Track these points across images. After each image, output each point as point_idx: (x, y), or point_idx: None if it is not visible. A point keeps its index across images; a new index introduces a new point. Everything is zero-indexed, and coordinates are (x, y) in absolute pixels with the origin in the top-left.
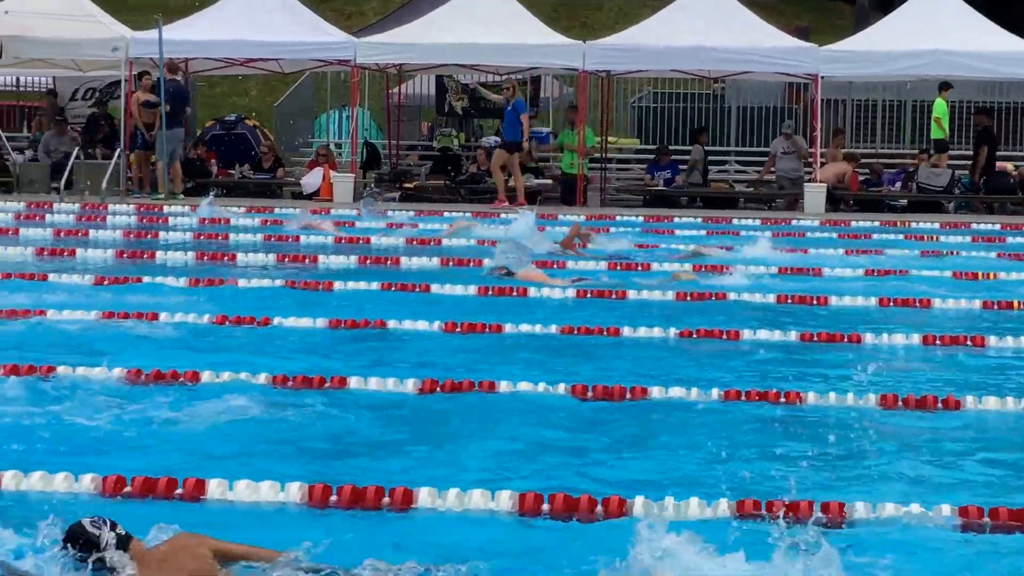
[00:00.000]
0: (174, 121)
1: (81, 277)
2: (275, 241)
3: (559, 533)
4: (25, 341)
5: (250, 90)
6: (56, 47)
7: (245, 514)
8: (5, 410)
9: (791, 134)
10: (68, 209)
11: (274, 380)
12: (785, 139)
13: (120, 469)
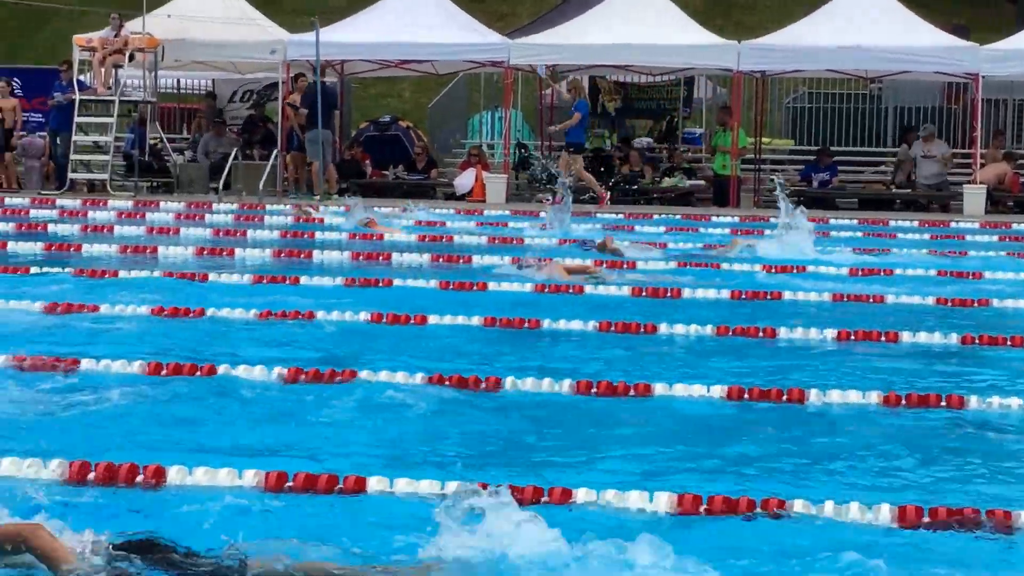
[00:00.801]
0: (314, 122)
1: (240, 276)
2: (429, 241)
3: (716, 535)
4: (186, 340)
5: (404, 91)
6: (215, 49)
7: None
8: (172, 408)
9: (931, 137)
10: (226, 209)
11: (430, 379)
12: (924, 143)
13: (282, 468)
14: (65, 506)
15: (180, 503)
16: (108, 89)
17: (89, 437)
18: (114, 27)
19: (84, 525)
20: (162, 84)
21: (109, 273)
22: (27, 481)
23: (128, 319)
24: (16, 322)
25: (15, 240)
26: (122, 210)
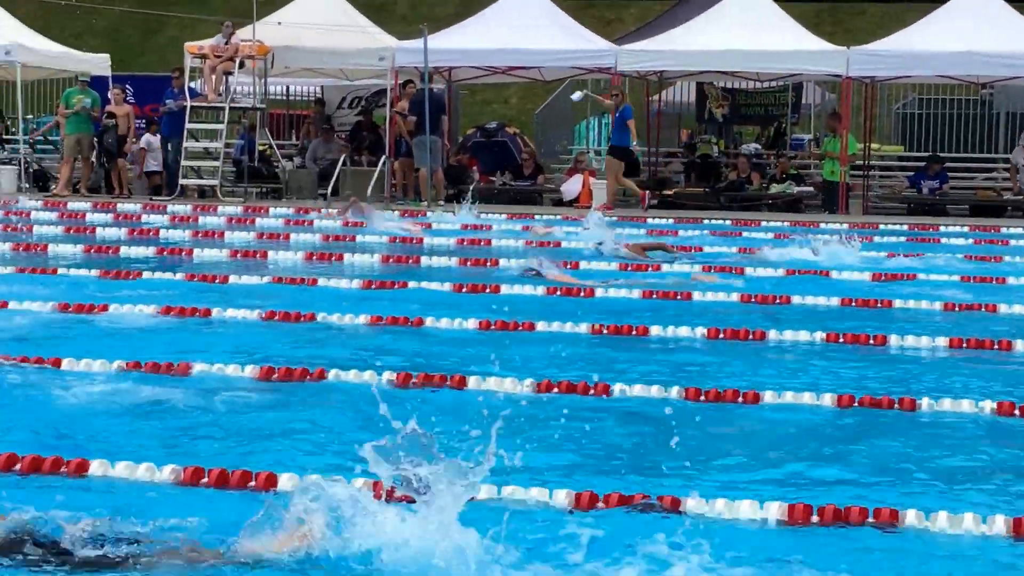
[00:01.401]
0: (423, 128)
1: (349, 282)
2: (536, 246)
3: (827, 545)
4: (296, 344)
5: (510, 98)
6: (325, 57)
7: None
8: (282, 413)
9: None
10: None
11: (538, 387)
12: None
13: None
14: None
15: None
16: (219, 96)
17: (200, 442)
18: (225, 35)
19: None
20: (272, 91)
21: (220, 278)
22: (144, 484)
23: (239, 323)
24: (130, 326)
25: (128, 245)
26: (232, 216)
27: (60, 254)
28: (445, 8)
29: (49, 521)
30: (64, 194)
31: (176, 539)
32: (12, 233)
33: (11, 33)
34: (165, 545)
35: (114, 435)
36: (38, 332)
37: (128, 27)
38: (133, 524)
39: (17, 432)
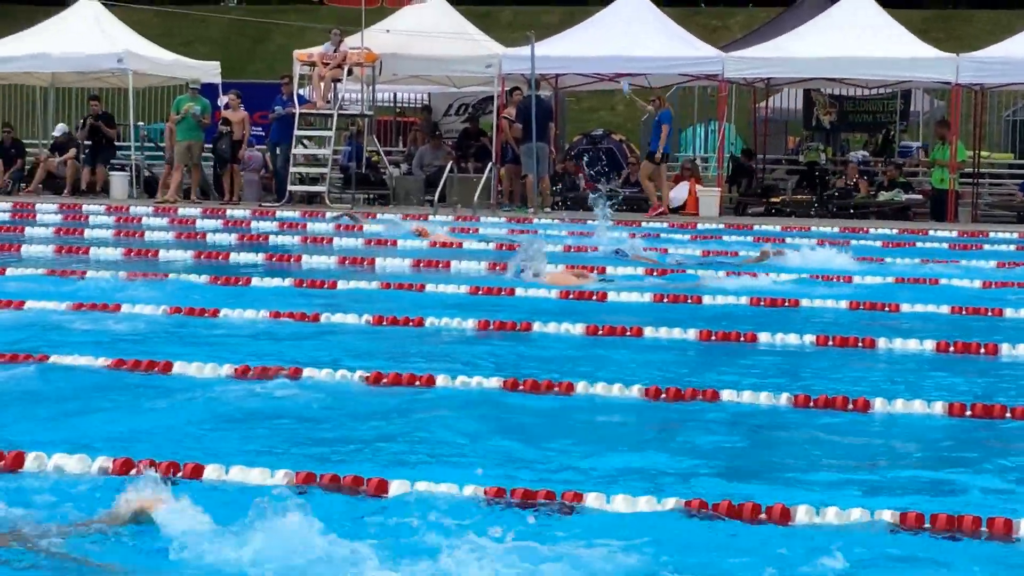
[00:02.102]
0: (530, 135)
1: (456, 288)
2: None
3: (938, 553)
4: (406, 350)
5: (616, 105)
6: (432, 64)
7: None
8: (391, 419)
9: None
10: (442, 221)
11: (646, 392)
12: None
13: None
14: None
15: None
16: (327, 103)
17: (311, 447)
18: (334, 42)
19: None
20: (379, 98)
21: (328, 283)
22: (259, 489)
23: (347, 329)
24: (240, 331)
25: (237, 251)
26: (340, 222)
27: (171, 259)
28: (550, 16)
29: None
30: (174, 200)
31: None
32: (124, 238)
33: (123, 41)
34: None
35: (226, 439)
36: (150, 336)
37: (238, 35)
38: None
39: (133, 436)
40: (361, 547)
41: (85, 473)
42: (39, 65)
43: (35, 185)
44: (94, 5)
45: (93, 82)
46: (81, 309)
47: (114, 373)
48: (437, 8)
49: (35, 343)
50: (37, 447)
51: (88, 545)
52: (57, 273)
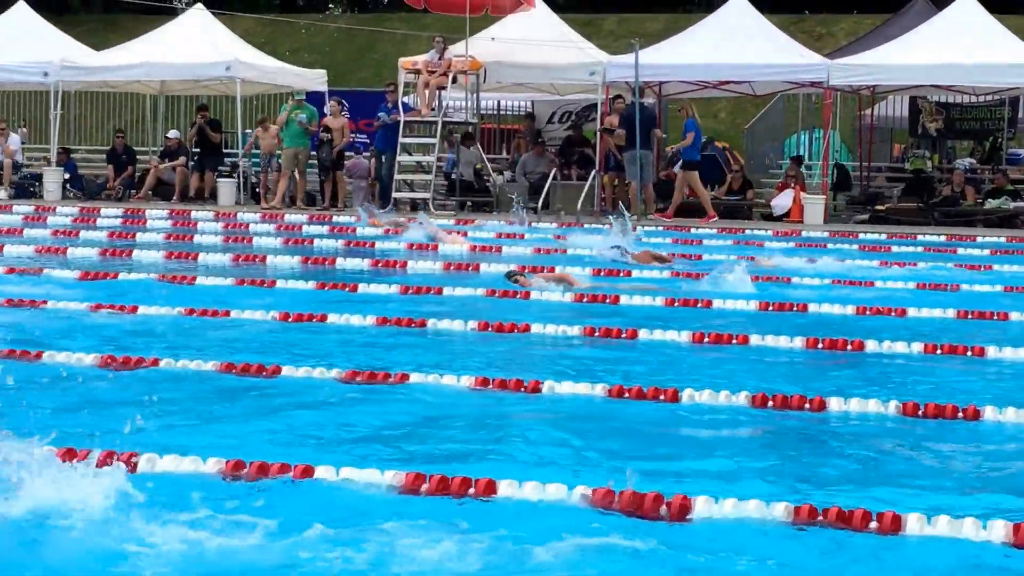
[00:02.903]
0: (634, 143)
1: (561, 295)
2: (749, 261)
3: None
4: (511, 357)
5: (720, 112)
6: (536, 72)
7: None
8: (501, 424)
9: None
10: (545, 228)
11: (753, 400)
12: None
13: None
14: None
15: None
16: (431, 111)
17: (418, 449)
18: (438, 50)
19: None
20: (483, 105)
21: (434, 290)
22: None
23: (453, 334)
24: (348, 337)
25: (344, 256)
26: (443, 229)
27: (278, 265)
28: (654, 23)
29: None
30: (280, 207)
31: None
32: (232, 244)
33: (231, 49)
34: None
35: (340, 443)
36: (259, 341)
37: (343, 43)
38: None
39: (245, 439)
40: (468, 549)
41: (199, 473)
42: (149, 74)
43: (145, 191)
44: (203, 14)
45: (201, 90)
46: (192, 314)
47: (223, 377)
48: (541, 16)
49: (147, 347)
50: (150, 449)
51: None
52: (167, 278)
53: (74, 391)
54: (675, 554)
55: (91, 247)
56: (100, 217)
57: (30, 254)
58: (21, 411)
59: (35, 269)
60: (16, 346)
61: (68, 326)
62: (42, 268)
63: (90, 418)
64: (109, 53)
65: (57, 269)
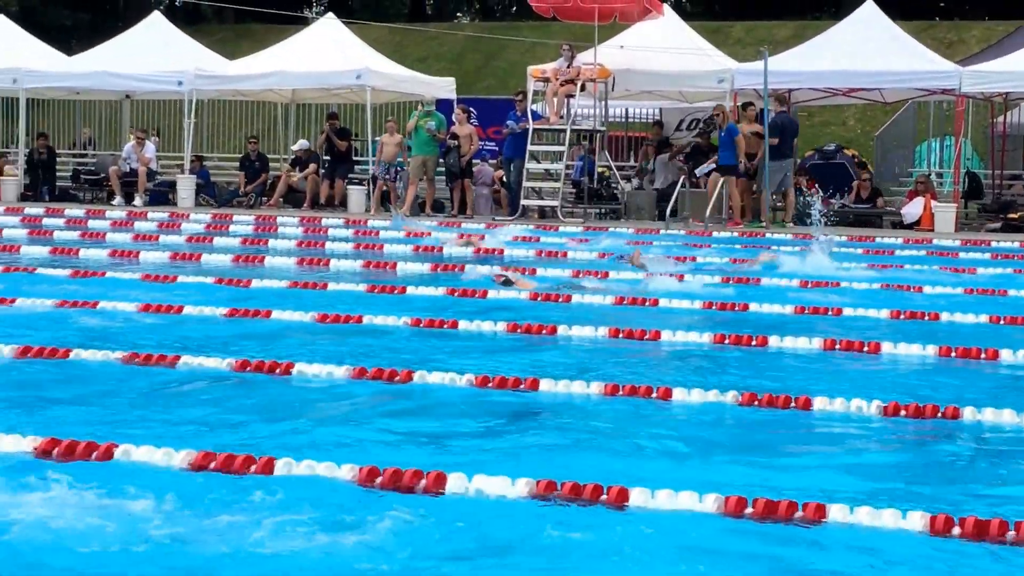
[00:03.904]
0: (782, 152)
1: (691, 303)
2: (880, 269)
3: None
4: (640, 363)
5: (848, 119)
6: (664, 79)
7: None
8: (626, 430)
9: None
10: (673, 236)
11: (884, 410)
12: None
13: (741, 493)
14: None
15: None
16: (560, 118)
17: (550, 456)
18: (567, 58)
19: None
20: (611, 113)
21: (563, 297)
22: (500, 501)
23: (581, 341)
24: (477, 343)
25: (474, 263)
26: (573, 236)
27: (408, 272)
28: (782, 30)
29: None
30: (409, 214)
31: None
32: (363, 251)
33: (361, 58)
34: None
35: (468, 449)
36: (392, 347)
37: (471, 51)
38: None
39: (377, 443)
40: (600, 555)
41: (335, 477)
42: (281, 82)
43: (276, 199)
44: (333, 23)
45: (332, 98)
46: (325, 321)
47: (355, 383)
48: (670, 24)
49: (280, 353)
50: (285, 454)
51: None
52: (299, 285)
53: (209, 395)
54: (811, 561)
55: (224, 253)
56: (232, 224)
57: (165, 260)
58: (153, 415)
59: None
60: (154, 350)
61: (204, 331)
62: (176, 275)
63: (223, 422)
64: (242, 62)
65: (192, 275)
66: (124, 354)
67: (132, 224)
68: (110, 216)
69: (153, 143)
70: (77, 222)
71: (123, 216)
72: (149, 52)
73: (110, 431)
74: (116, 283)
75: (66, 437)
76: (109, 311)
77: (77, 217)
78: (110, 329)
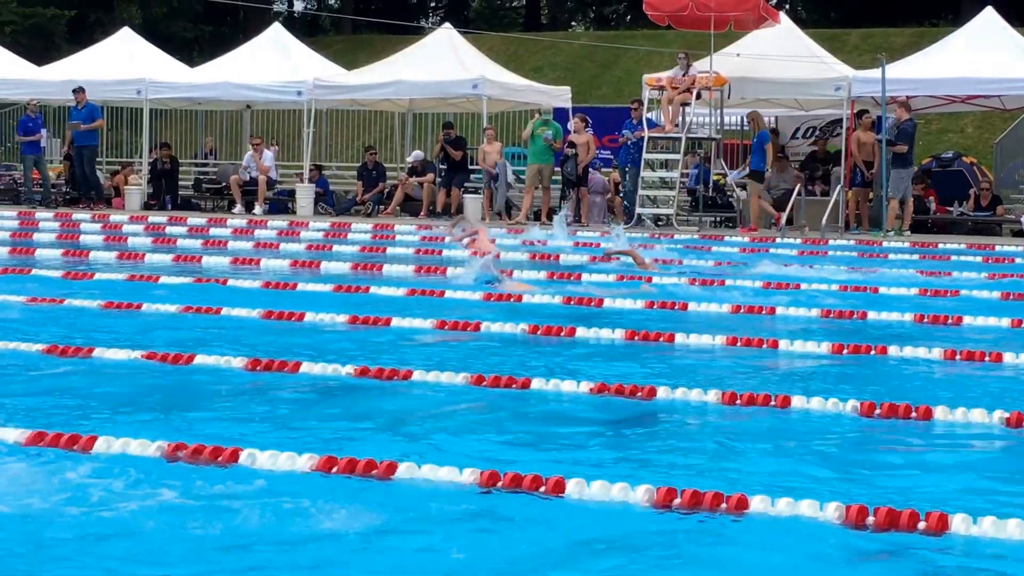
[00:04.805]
0: (907, 160)
1: (807, 311)
2: (999, 279)
3: None
4: (757, 371)
5: (966, 127)
6: (780, 87)
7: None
8: (744, 438)
9: None
10: (790, 244)
11: (1007, 421)
12: None
13: (863, 502)
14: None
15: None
16: (675, 127)
17: (670, 462)
18: (682, 66)
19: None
20: (726, 121)
21: (679, 305)
22: (618, 507)
23: (703, 351)
24: (595, 350)
25: (589, 272)
26: (688, 243)
27: (524, 279)
28: (899, 37)
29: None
30: (524, 222)
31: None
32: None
33: (477, 67)
34: None
35: (588, 456)
36: (510, 354)
37: (586, 60)
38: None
39: (496, 448)
40: (720, 564)
41: (454, 482)
42: (398, 92)
43: (393, 207)
44: (450, 33)
45: (448, 107)
46: (443, 328)
47: (472, 389)
48: (785, 31)
49: (399, 359)
50: (407, 459)
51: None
52: (418, 292)
53: (328, 401)
54: (933, 572)
55: (343, 261)
56: (351, 232)
57: (285, 268)
58: (275, 421)
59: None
60: (275, 357)
61: (324, 338)
62: (296, 283)
63: (343, 427)
64: (359, 72)
65: (311, 283)
66: (246, 360)
67: (252, 232)
68: (231, 224)
69: (272, 152)
70: (199, 230)
71: (243, 224)
72: (269, 63)
73: (235, 435)
74: (237, 291)
75: (192, 441)
76: (231, 317)
77: (199, 225)
78: (231, 335)
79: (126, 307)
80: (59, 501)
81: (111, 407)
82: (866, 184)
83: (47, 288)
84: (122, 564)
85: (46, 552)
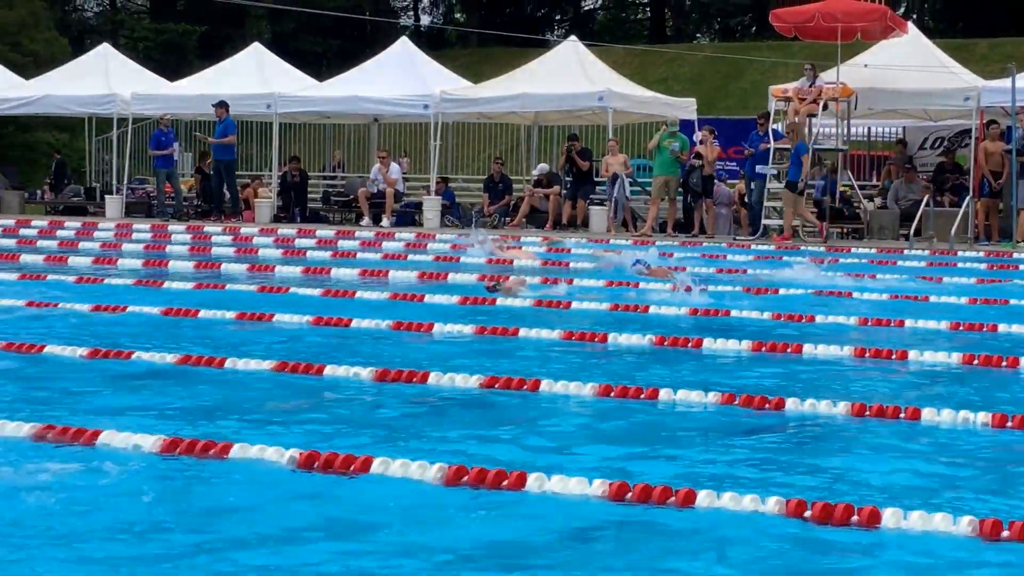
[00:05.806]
0: None
1: (936, 324)
2: None
3: None
4: (889, 383)
5: None
6: (908, 98)
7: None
8: (757, 448)
9: None
10: (917, 256)
11: None
12: None
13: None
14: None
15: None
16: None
17: (795, 475)
18: (808, 77)
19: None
20: (853, 132)
21: (806, 317)
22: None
23: (825, 360)
24: (720, 360)
25: (713, 283)
26: (815, 256)
27: (649, 291)
28: None
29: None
30: (650, 234)
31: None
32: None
33: (603, 79)
34: None
35: (716, 467)
36: (637, 364)
37: (711, 72)
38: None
39: (622, 459)
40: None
41: (586, 495)
42: (524, 105)
43: (519, 219)
44: (575, 46)
45: (574, 120)
46: (570, 338)
47: (600, 401)
48: (913, 42)
49: (526, 369)
50: (536, 470)
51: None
52: (544, 304)
53: (457, 411)
54: None
55: (469, 272)
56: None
57: (413, 279)
58: (405, 431)
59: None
60: (403, 367)
61: (451, 350)
62: (424, 294)
63: (472, 436)
64: (486, 85)
65: (439, 294)
66: (375, 371)
67: (380, 244)
68: (359, 236)
69: (402, 164)
70: (327, 242)
71: (371, 236)
72: (396, 76)
73: (366, 445)
74: (365, 302)
75: (324, 450)
76: (360, 329)
77: (327, 237)
78: (360, 346)
79: (257, 318)
80: (192, 508)
81: (240, 415)
82: (995, 195)
83: (180, 299)
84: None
85: (186, 560)
